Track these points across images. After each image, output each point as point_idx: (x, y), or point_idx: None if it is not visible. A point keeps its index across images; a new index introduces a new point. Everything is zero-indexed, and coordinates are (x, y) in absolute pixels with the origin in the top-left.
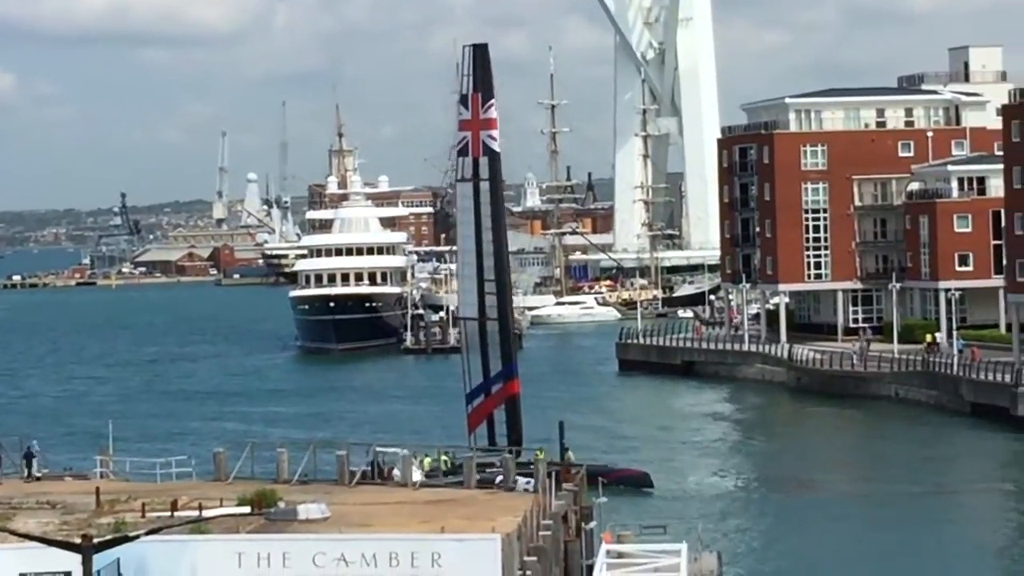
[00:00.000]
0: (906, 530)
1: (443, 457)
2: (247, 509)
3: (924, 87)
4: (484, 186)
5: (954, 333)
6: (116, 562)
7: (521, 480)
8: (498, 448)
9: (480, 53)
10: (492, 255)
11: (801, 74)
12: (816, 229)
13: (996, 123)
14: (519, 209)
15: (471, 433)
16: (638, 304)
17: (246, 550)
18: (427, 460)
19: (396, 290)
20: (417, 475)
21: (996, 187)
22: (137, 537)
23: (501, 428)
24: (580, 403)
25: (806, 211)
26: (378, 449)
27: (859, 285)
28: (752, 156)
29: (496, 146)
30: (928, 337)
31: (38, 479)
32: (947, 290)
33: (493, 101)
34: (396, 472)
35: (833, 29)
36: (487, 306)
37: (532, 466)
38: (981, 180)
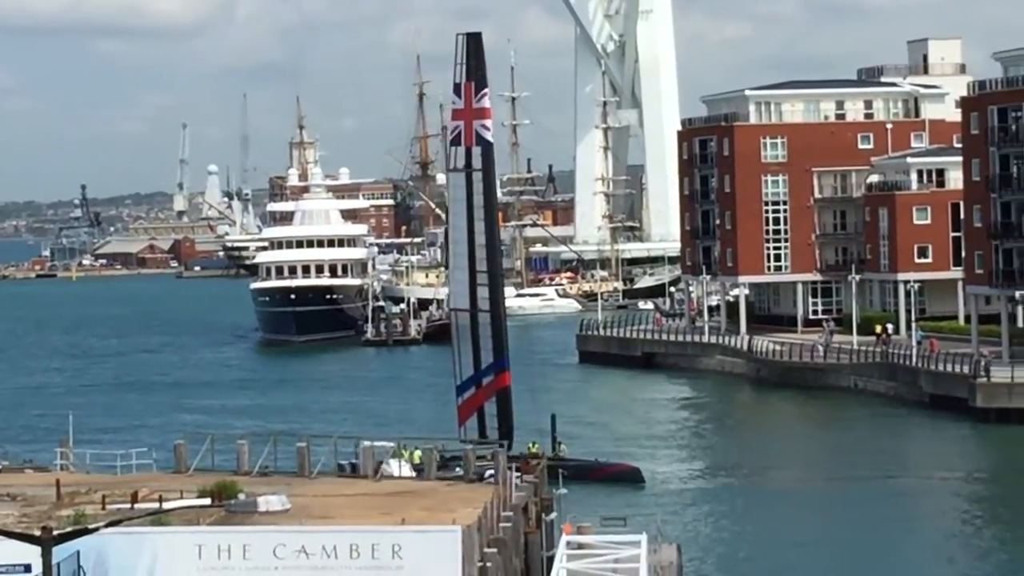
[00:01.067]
0: (864, 520)
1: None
2: (207, 501)
3: (883, 79)
4: (477, 176)
5: (913, 325)
6: (76, 554)
7: (511, 475)
8: (489, 441)
9: (473, 41)
10: (484, 246)
11: (761, 66)
12: (776, 221)
13: (955, 115)
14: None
15: (461, 425)
16: (599, 296)
17: (206, 542)
18: (416, 454)
19: (357, 282)
20: (405, 469)
21: (955, 179)
22: (97, 529)
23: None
24: (540, 395)
25: (766, 203)
26: (365, 444)
27: (819, 277)
28: (712, 148)
29: (489, 136)
30: (878, 328)
31: None
32: (906, 282)
33: (486, 90)
34: (385, 466)
35: (793, 21)
36: (479, 297)
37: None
38: (940, 172)
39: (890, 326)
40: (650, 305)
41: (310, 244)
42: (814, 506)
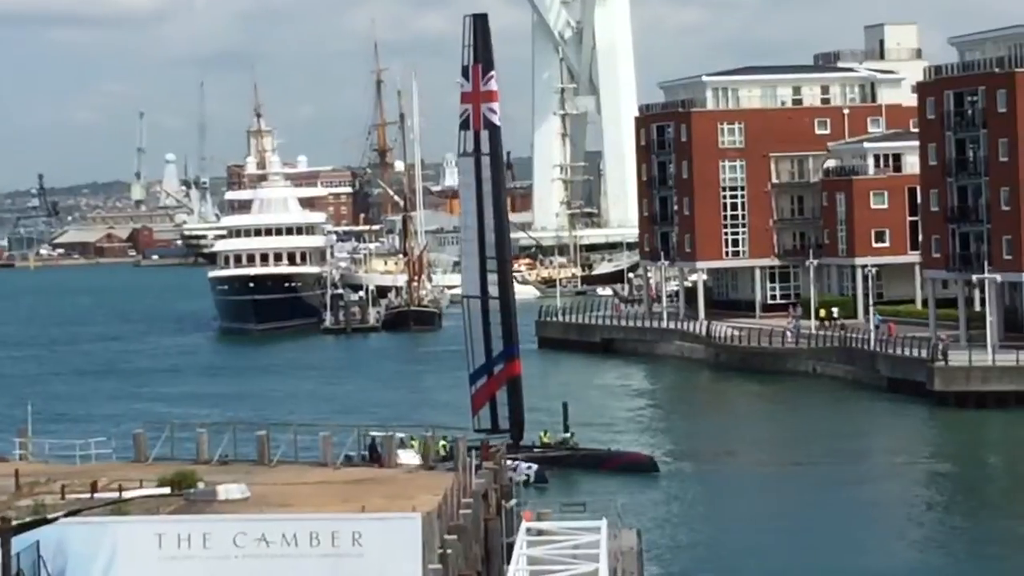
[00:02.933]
0: (823, 503)
1: (441, 442)
2: (167, 490)
3: (840, 65)
4: (485, 161)
5: (871, 309)
6: (35, 544)
7: (522, 465)
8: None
9: (480, 23)
10: (494, 231)
11: (718, 52)
12: (734, 207)
13: (911, 100)
14: (438, 188)
15: (475, 415)
16: (557, 282)
17: (166, 531)
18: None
19: (315, 270)
20: (415, 459)
21: (912, 164)
22: (56, 519)
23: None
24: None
25: (723, 189)
26: (372, 434)
27: (776, 262)
28: (670, 134)
29: (497, 119)
30: (822, 312)
31: None
32: (864, 266)
33: (493, 72)
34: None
35: (750, 7)
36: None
37: (536, 449)
38: (897, 157)
39: (835, 310)
40: (609, 291)
41: (268, 232)
42: (773, 490)
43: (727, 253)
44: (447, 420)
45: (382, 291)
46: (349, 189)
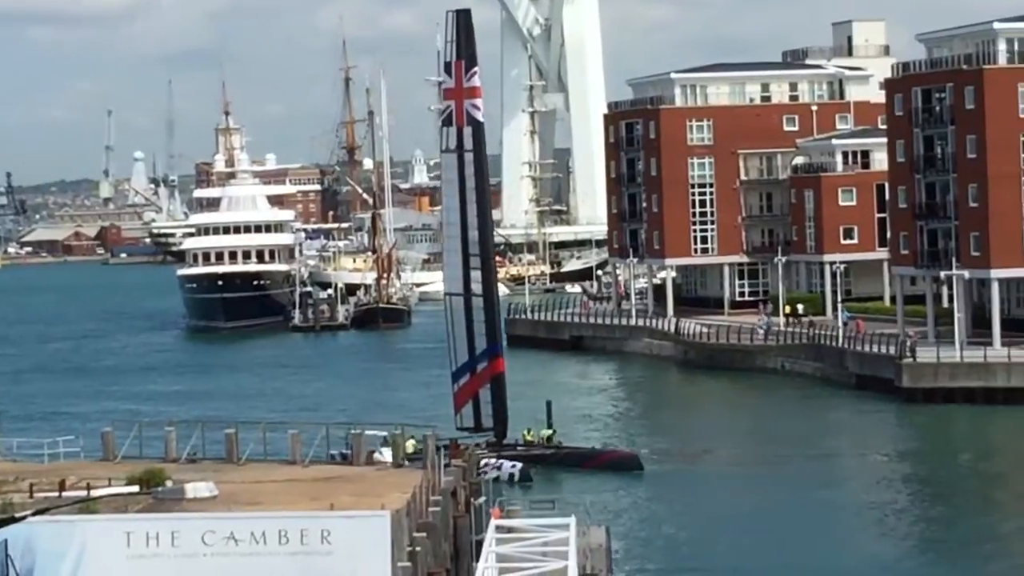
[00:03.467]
0: (792, 500)
1: (410, 441)
2: (135, 488)
3: (808, 62)
4: (468, 157)
5: (839, 306)
6: (3, 543)
7: (506, 463)
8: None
9: (463, 19)
10: (477, 228)
11: (687, 49)
12: (702, 204)
13: (879, 97)
14: (407, 186)
15: (457, 413)
16: (526, 280)
17: (135, 529)
18: (410, 443)
19: (284, 268)
20: (386, 456)
21: (880, 161)
22: (24, 518)
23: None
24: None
25: (692, 186)
26: (354, 432)
27: (745, 259)
28: (638, 131)
29: (480, 115)
30: (787, 308)
31: None
32: (832, 263)
33: (476, 68)
34: (378, 455)
35: (718, 4)
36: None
37: (520, 448)
38: (865, 154)
39: (800, 307)
40: (577, 288)
41: (237, 230)
42: (742, 487)
43: (696, 250)
44: (416, 418)
45: (351, 289)
46: (318, 187)
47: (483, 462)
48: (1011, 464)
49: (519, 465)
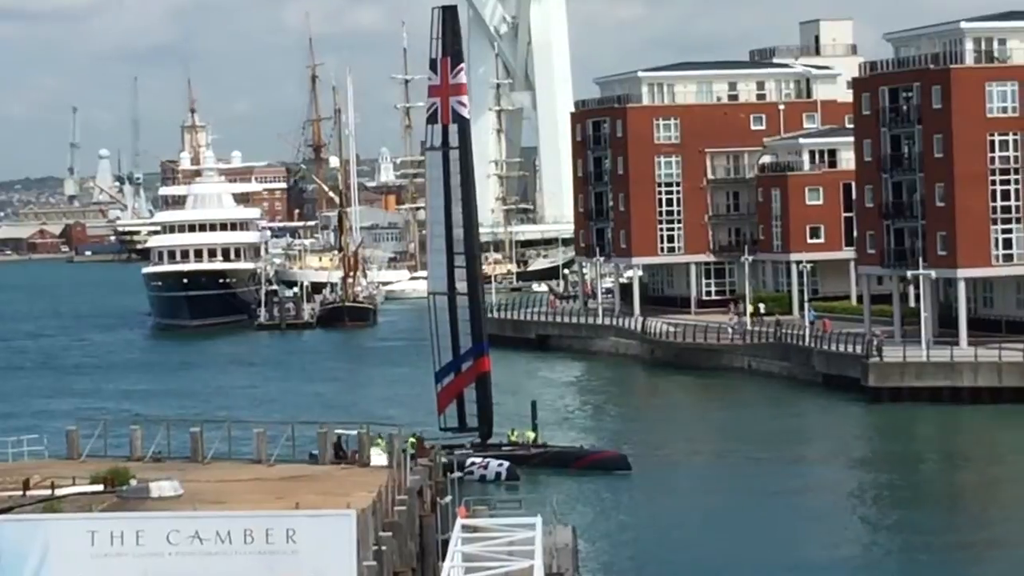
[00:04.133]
0: (757, 499)
1: (410, 440)
2: (100, 487)
3: (775, 61)
4: (454, 155)
5: (806, 305)
6: None
7: (493, 462)
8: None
9: (450, 15)
10: (462, 226)
11: (654, 48)
12: (669, 203)
13: (847, 96)
14: (373, 184)
15: (441, 413)
16: (492, 278)
17: (99, 528)
18: (410, 441)
19: (250, 266)
20: (382, 459)
21: (847, 160)
22: None
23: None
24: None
25: (659, 185)
26: (338, 431)
27: (712, 258)
28: (605, 130)
29: (466, 112)
30: (750, 308)
31: None
32: (799, 262)
33: (463, 65)
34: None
35: (686, 3)
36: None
37: (505, 447)
38: (832, 153)
39: (762, 306)
40: (544, 287)
41: (202, 228)
42: (708, 486)
43: (662, 249)
44: (383, 417)
45: (317, 287)
46: (284, 185)
47: (469, 462)
48: (976, 464)
49: (506, 464)
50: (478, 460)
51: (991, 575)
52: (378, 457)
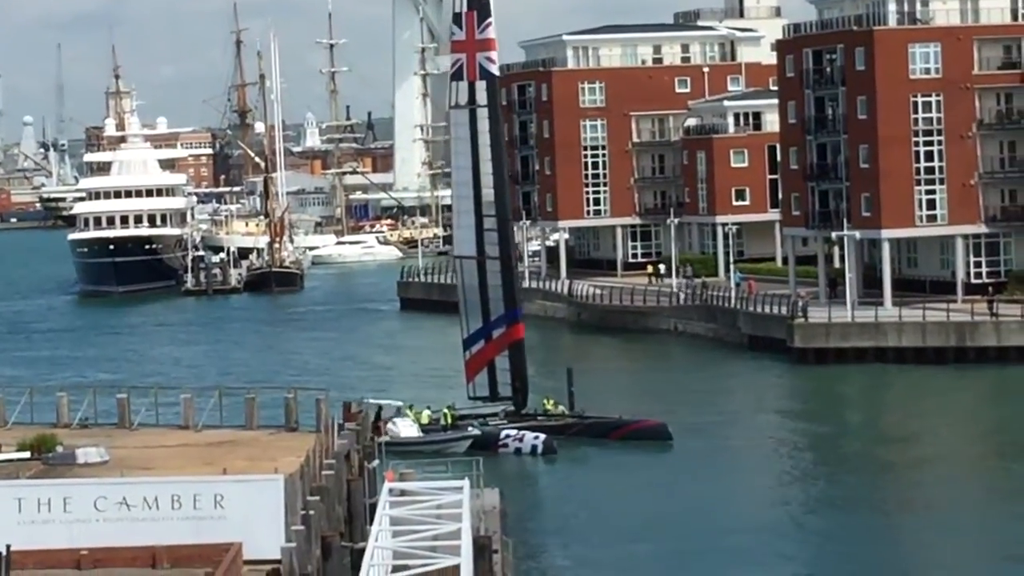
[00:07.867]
0: (683, 461)
1: (444, 411)
2: (27, 454)
3: (700, 23)
4: (482, 113)
5: (731, 267)
6: None
7: (528, 435)
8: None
9: None
10: (493, 186)
11: (579, 11)
12: (595, 166)
13: (771, 58)
14: (299, 149)
15: (470, 381)
16: (419, 243)
17: (26, 495)
18: (425, 413)
19: (176, 232)
20: (413, 429)
21: (771, 122)
22: None
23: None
24: (362, 342)
25: (585, 148)
26: (370, 401)
27: (638, 221)
28: (531, 94)
29: (494, 68)
30: (650, 268)
31: None
32: (724, 224)
33: (490, 20)
34: (391, 426)
35: None
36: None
37: (540, 418)
38: (757, 115)
39: (662, 267)
40: None
41: (128, 194)
42: (633, 448)
43: (588, 212)
44: (314, 381)
45: (243, 252)
46: (209, 151)
47: (503, 434)
48: (901, 422)
49: (542, 437)
50: (512, 433)
51: (909, 531)
52: (408, 428)
